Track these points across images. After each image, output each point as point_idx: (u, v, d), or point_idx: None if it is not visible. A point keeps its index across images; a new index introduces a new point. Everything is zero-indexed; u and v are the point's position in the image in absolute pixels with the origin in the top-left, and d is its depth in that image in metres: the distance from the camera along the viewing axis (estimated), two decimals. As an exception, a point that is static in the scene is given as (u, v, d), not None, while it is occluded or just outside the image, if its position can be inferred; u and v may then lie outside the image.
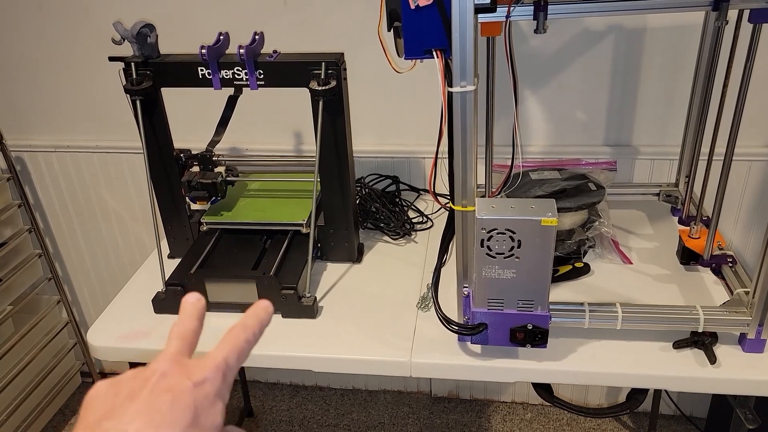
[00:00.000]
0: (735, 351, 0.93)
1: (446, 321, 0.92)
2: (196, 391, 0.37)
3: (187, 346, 0.41)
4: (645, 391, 1.02)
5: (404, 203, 1.40)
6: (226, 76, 1.05)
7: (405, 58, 0.83)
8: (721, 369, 0.91)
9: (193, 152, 1.19)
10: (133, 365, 1.11)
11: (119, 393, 0.37)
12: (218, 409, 0.38)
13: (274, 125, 1.51)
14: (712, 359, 0.91)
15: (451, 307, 0.95)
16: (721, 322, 0.91)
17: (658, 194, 1.32)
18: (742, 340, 0.93)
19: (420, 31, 0.79)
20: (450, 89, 0.77)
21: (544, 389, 1.02)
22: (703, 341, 0.92)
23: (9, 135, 1.62)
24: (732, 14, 0.94)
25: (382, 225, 1.31)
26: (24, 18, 1.48)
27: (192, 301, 0.43)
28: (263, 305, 0.43)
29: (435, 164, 0.89)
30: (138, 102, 1.06)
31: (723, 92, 1.01)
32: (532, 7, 0.79)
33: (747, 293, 0.95)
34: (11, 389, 1.66)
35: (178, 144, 1.16)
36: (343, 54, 1.05)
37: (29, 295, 1.72)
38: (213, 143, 1.20)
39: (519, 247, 0.82)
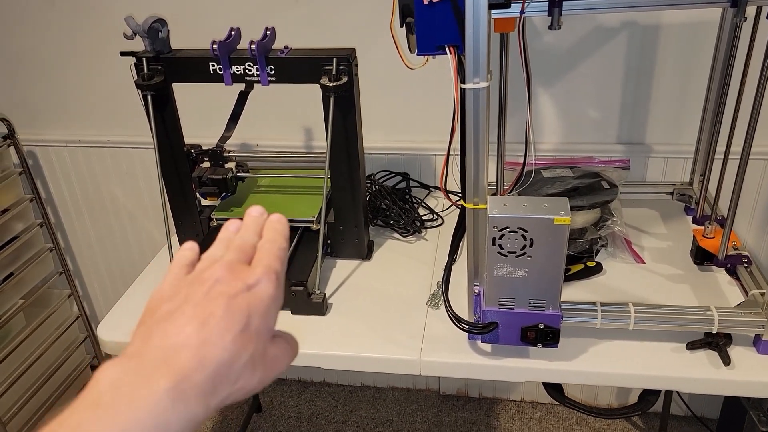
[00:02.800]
0: (749, 353, 0.92)
1: (456, 319, 0.91)
2: (249, 294, 0.38)
3: (244, 257, 0.41)
4: (657, 392, 1.01)
5: (415, 200, 1.40)
6: (237, 71, 1.05)
7: (417, 54, 0.82)
8: (735, 371, 0.89)
9: (203, 148, 1.19)
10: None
11: (177, 296, 0.38)
12: (272, 314, 0.39)
13: (285, 121, 1.51)
14: (726, 361, 0.90)
15: (461, 306, 0.94)
16: (736, 323, 0.90)
17: (671, 193, 1.31)
18: (756, 341, 0.92)
19: (433, 27, 0.78)
20: (463, 86, 0.77)
21: (554, 389, 1.01)
22: (717, 342, 0.91)
23: (21, 130, 1.62)
24: (750, 11, 0.93)
25: (392, 222, 1.30)
26: (37, 14, 1.49)
27: (255, 215, 0.44)
28: (276, 218, 0.43)
29: (447, 161, 0.89)
30: (149, 97, 1.06)
31: (740, 90, 1.00)
32: (547, 2, 0.78)
33: (762, 294, 0.94)
34: (22, 382, 1.67)
35: (188, 139, 1.16)
36: (354, 50, 1.05)
37: (40, 289, 1.73)
38: (224, 139, 1.19)
39: (531, 245, 0.81)
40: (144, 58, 1.06)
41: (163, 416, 0.32)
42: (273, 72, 1.04)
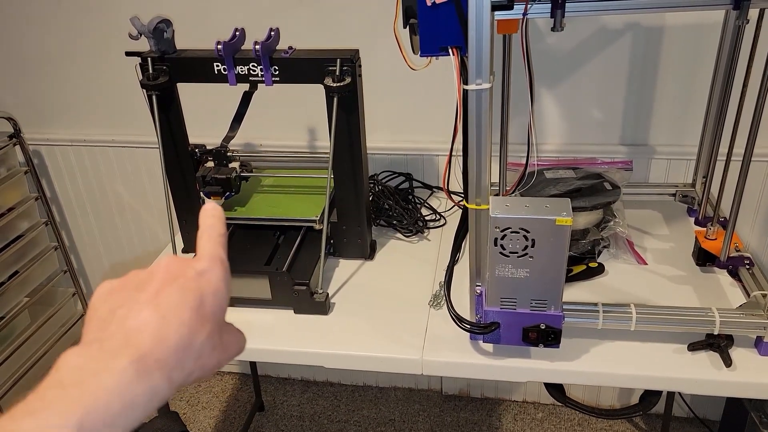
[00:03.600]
0: (751, 354, 0.92)
1: (458, 319, 0.92)
2: (200, 278, 0.39)
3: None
4: (659, 393, 1.01)
5: (417, 200, 1.40)
6: (242, 72, 1.05)
7: (420, 56, 0.83)
8: (736, 372, 0.90)
9: (207, 147, 1.20)
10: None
11: (126, 287, 0.39)
12: (224, 296, 0.40)
13: (289, 121, 1.51)
14: (728, 362, 0.90)
15: (463, 306, 0.95)
16: (738, 324, 0.90)
17: (674, 194, 1.31)
18: (758, 343, 0.92)
19: (436, 28, 0.78)
20: (465, 87, 0.77)
21: (556, 389, 1.02)
22: (719, 344, 0.91)
23: (27, 129, 1.63)
24: (753, 13, 0.93)
25: (395, 222, 1.31)
26: (43, 13, 1.49)
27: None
28: (209, 206, 0.45)
29: (449, 162, 0.89)
30: (154, 97, 1.07)
31: (743, 92, 1.00)
32: (550, 4, 0.79)
33: (764, 296, 0.94)
34: (26, 380, 1.68)
35: (193, 139, 1.17)
36: (358, 50, 1.05)
37: (45, 287, 1.74)
38: (228, 139, 1.20)
39: (533, 246, 0.82)
40: (149, 58, 1.07)
41: (128, 388, 0.33)
42: (277, 72, 1.05)
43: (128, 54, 1.08)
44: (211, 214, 0.44)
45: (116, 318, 0.36)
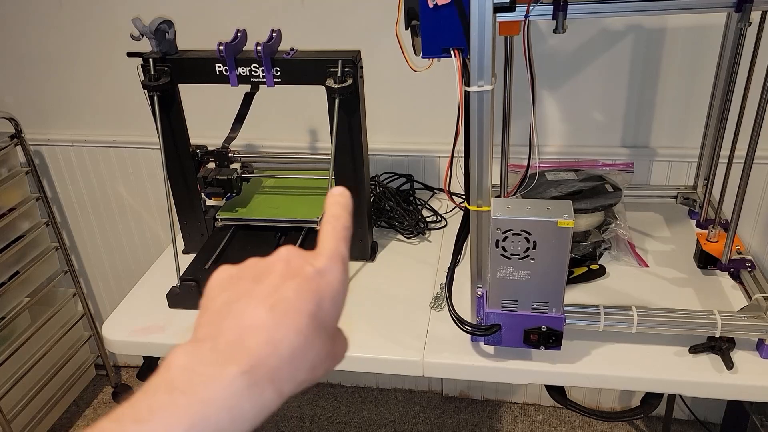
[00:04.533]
0: (753, 357, 0.92)
1: (459, 321, 0.92)
2: (319, 279, 0.36)
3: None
4: (660, 395, 1.01)
5: (418, 202, 1.40)
6: (243, 73, 1.05)
7: (422, 57, 0.82)
8: (738, 375, 0.89)
9: (209, 148, 1.20)
10: (146, 359, 1.12)
11: (243, 277, 0.36)
12: (341, 300, 0.37)
13: (290, 122, 1.51)
14: (729, 365, 0.90)
15: (464, 307, 0.95)
16: (739, 327, 0.90)
17: (675, 197, 1.31)
18: (760, 346, 0.92)
19: (438, 30, 0.78)
20: (467, 88, 0.77)
21: (557, 391, 1.01)
22: (720, 346, 0.91)
23: (28, 129, 1.63)
24: (755, 15, 0.93)
25: (396, 223, 1.31)
26: (44, 13, 1.50)
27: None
28: (338, 191, 0.41)
29: (451, 164, 0.89)
30: (155, 98, 1.07)
31: (744, 94, 1.00)
32: (552, 6, 0.79)
33: (766, 299, 0.94)
34: (26, 380, 1.68)
35: (194, 140, 1.17)
36: (359, 52, 1.05)
37: (45, 288, 1.74)
38: (229, 140, 1.20)
39: (534, 248, 0.81)
40: (151, 59, 1.07)
41: (238, 401, 0.31)
42: (278, 73, 1.05)
43: (130, 55, 1.08)
44: (339, 202, 0.40)
45: (231, 314, 0.34)
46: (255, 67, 1.04)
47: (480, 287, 0.92)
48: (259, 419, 0.32)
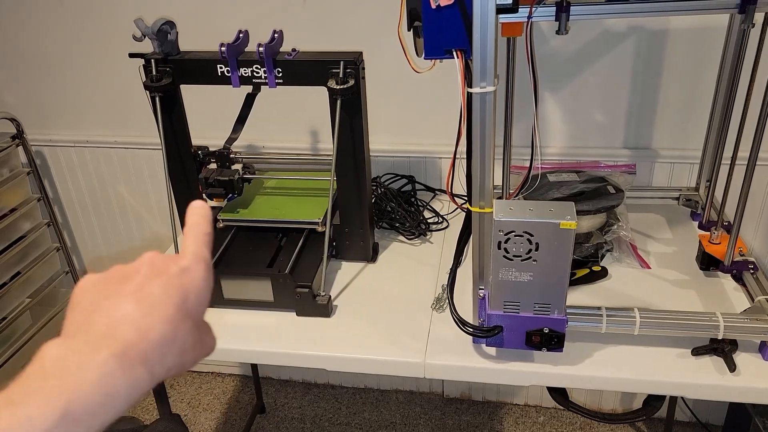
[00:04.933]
0: (755, 359, 0.92)
1: (461, 322, 0.91)
2: (183, 275, 0.39)
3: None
4: (662, 397, 1.01)
5: (420, 203, 1.40)
6: (245, 74, 1.05)
7: (425, 58, 0.82)
8: (740, 377, 0.89)
9: (210, 149, 1.20)
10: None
11: (109, 280, 0.39)
12: (205, 296, 0.40)
13: (292, 123, 1.51)
14: (732, 367, 0.89)
15: (466, 309, 0.94)
16: (742, 329, 0.90)
17: (677, 198, 1.31)
18: (762, 348, 0.92)
19: (440, 31, 0.78)
20: (469, 90, 0.77)
21: (559, 393, 1.01)
22: (723, 348, 0.91)
23: (29, 129, 1.63)
24: (758, 16, 0.92)
25: (397, 225, 1.30)
26: (45, 14, 1.50)
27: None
28: (198, 204, 0.45)
29: (453, 165, 0.89)
30: (157, 98, 1.07)
31: (747, 95, 0.99)
32: (554, 7, 0.79)
33: (768, 301, 0.93)
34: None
35: (196, 141, 1.17)
36: (361, 53, 1.05)
37: (47, 288, 1.74)
38: (230, 141, 1.20)
39: (536, 249, 0.81)
40: (152, 60, 1.07)
41: (110, 380, 0.33)
42: (280, 74, 1.05)
43: (132, 55, 1.08)
44: (198, 213, 0.44)
45: (100, 310, 0.36)
46: (257, 67, 1.04)
47: (482, 289, 0.92)
48: (133, 397, 0.34)
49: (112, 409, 0.33)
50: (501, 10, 0.75)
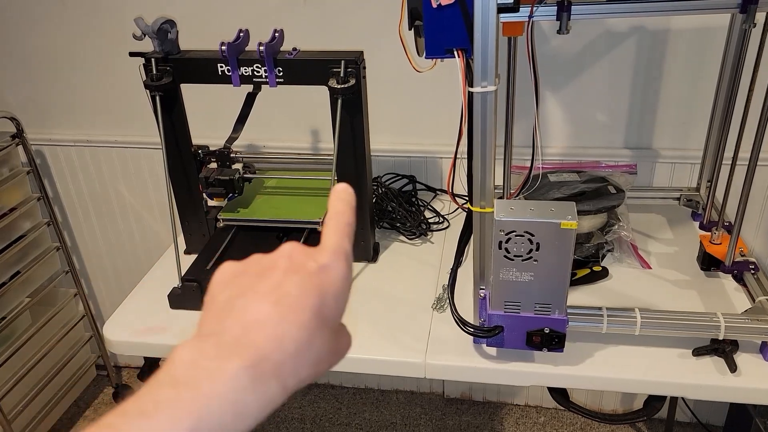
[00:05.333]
0: (756, 359, 0.92)
1: (462, 323, 0.91)
2: (322, 274, 0.36)
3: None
4: (662, 398, 1.01)
5: (421, 203, 1.40)
6: (246, 73, 1.05)
7: (426, 57, 0.82)
8: (741, 377, 0.89)
9: (211, 149, 1.20)
10: (147, 360, 1.12)
11: (247, 273, 0.36)
12: (344, 296, 0.37)
13: (292, 123, 1.51)
14: (733, 367, 0.89)
15: (467, 309, 0.94)
16: (743, 329, 0.90)
17: (678, 198, 1.31)
18: (763, 348, 0.92)
19: (441, 31, 0.78)
20: (470, 89, 0.77)
21: (559, 393, 1.01)
22: (724, 349, 0.91)
23: (29, 129, 1.63)
24: (759, 16, 0.92)
25: (398, 224, 1.30)
26: (46, 13, 1.49)
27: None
28: (342, 188, 0.41)
29: (454, 165, 0.89)
30: (157, 98, 1.07)
31: (748, 95, 0.99)
32: (555, 7, 0.79)
33: (770, 301, 0.93)
34: (27, 380, 1.68)
35: (196, 140, 1.17)
36: (362, 52, 1.05)
37: (46, 288, 1.74)
38: (231, 140, 1.20)
39: (537, 249, 0.81)
40: (153, 59, 1.06)
41: (242, 395, 0.31)
42: (281, 74, 1.04)
43: (132, 54, 1.08)
44: (342, 198, 0.40)
45: (235, 309, 0.34)
46: (257, 67, 1.04)
47: (482, 289, 0.92)
48: (264, 414, 0.32)
49: (241, 426, 0.31)
50: (502, 9, 0.74)
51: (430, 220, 1.33)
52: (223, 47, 1.02)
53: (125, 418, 0.29)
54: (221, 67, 1.05)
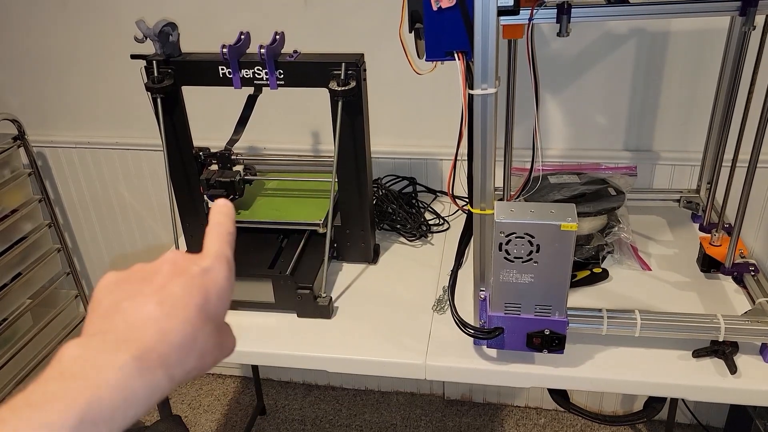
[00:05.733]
0: (756, 361, 0.92)
1: (462, 324, 0.92)
2: (205, 276, 0.38)
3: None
4: (663, 399, 1.01)
5: (421, 205, 1.40)
6: (247, 75, 1.05)
7: (426, 60, 0.83)
8: (741, 379, 0.89)
9: (212, 150, 1.20)
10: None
11: (131, 279, 0.38)
12: (227, 297, 0.39)
13: (293, 125, 1.51)
14: (733, 369, 0.89)
15: (467, 311, 0.95)
16: (743, 331, 0.90)
17: (678, 200, 1.31)
18: (763, 350, 0.92)
19: (442, 33, 0.79)
20: (471, 92, 0.77)
21: (560, 395, 1.01)
22: (724, 351, 0.91)
23: (31, 131, 1.64)
24: (759, 19, 0.93)
25: (398, 226, 1.31)
26: (48, 15, 1.50)
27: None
28: (221, 202, 0.45)
29: (454, 166, 0.89)
30: (159, 100, 1.07)
31: (748, 97, 0.99)
32: (555, 9, 0.79)
33: (769, 303, 0.93)
34: (28, 382, 1.68)
35: (197, 142, 1.17)
36: (363, 55, 1.05)
37: (48, 289, 1.74)
38: (232, 142, 1.20)
39: (537, 251, 0.81)
40: (154, 61, 1.07)
41: (130, 383, 0.32)
42: (282, 76, 1.05)
43: (133, 57, 1.08)
44: (222, 211, 0.43)
45: (120, 310, 0.36)
46: (258, 69, 1.04)
47: (483, 290, 0.92)
48: (152, 401, 0.34)
49: (129, 412, 0.32)
50: (502, 12, 0.75)
51: (430, 222, 1.33)
52: (224, 50, 1.02)
53: (13, 411, 0.30)
54: (222, 69, 1.05)
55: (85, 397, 0.31)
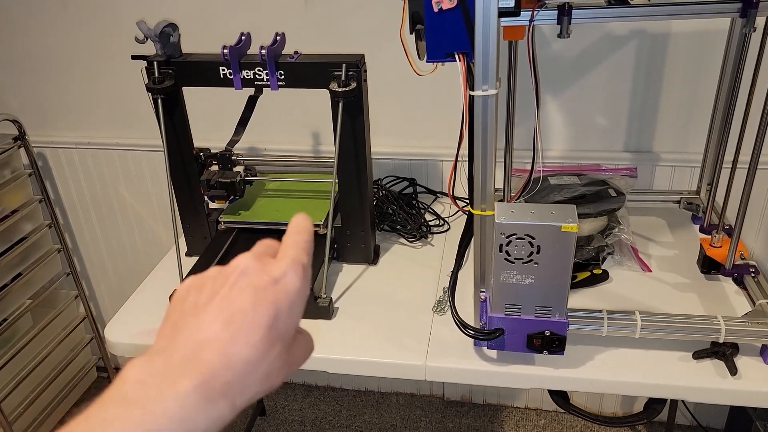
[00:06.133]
0: (756, 363, 0.92)
1: (462, 325, 0.92)
2: (276, 287, 0.36)
3: (270, 252, 0.41)
4: (663, 401, 1.01)
5: (421, 206, 1.40)
6: (247, 76, 1.05)
7: (426, 61, 0.83)
8: (741, 380, 0.89)
9: (212, 151, 1.20)
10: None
11: (202, 291, 0.37)
12: (298, 309, 0.37)
13: (293, 125, 1.51)
14: (733, 370, 0.89)
15: (467, 312, 0.95)
16: (743, 333, 0.90)
17: (678, 202, 1.31)
18: (764, 351, 0.92)
19: (442, 34, 0.79)
20: (471, 93, 0.77)
21: (560, 396, 1.01)
22: (724, 352, 0.91)
23: (31, 131, 1.64)
24: (759, 21, 0.93)
25: (398, 227, 1.31)
26: (48, 16, 1.50)
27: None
28: (301, 216, 0.43)
29: (454, 167, 0.89)
30: (159, 101, 1.07)
31: (748, 99, 1.00)
32: (556, 11, 0.79)
33: (770, 304, 0.93)
34: (28, 382, 1.68)
35: (197, 143, 1.17)
36: (363, 56, 1.05)
37: (48, 290, 1.74)
38: (232, 143, 1.20)
39: (538, 252, 0.81)
40: (155, 62, 1.07)
41: (191, 414, 0.31)
42: (282, 77, 1.05)
43: (134, 57, 1.08)
44: (297, 223, 0.41)
45: (188, 327, 0.35)
46: (259, 70, 1.04)
47: (483, 291, 0.92)
48: (213, 431, 0.33)
49: None
50: (503, 13, 0.75)
51: (430, 223, 1.33)
52: (225, 50, 1.02)
53: None
54: (223, 70, 1.05)
55: (145, 426, 0.30)
